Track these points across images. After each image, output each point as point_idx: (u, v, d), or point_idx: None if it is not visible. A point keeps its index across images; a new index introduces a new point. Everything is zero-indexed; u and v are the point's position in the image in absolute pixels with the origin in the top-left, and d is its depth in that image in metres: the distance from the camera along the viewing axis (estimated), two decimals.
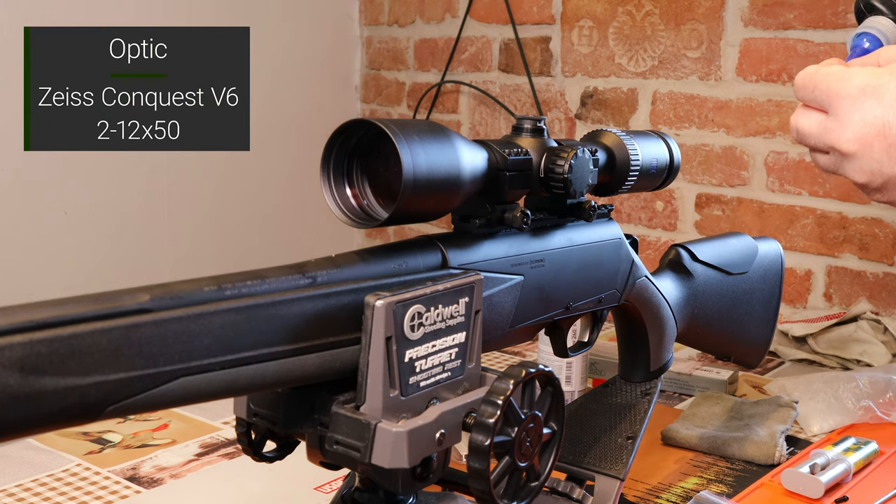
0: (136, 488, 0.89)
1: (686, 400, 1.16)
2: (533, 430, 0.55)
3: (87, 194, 1.82)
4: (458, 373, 0.56)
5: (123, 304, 0.42)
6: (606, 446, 0.78)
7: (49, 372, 0.39)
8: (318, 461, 0.55)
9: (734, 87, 1.62)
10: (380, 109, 2.24)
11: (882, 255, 1.49)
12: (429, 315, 0.53)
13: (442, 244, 0.59)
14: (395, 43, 2.19)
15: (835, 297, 1.55)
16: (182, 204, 1.97)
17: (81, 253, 1.83)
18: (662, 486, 0.91)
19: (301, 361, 0.49)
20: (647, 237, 1.76)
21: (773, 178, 1.59)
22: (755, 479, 0.92)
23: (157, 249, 1.94)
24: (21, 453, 0.95)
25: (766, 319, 0.94)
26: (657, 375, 0.83)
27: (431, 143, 0.54)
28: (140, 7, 1.84)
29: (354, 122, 0.54)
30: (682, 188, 1.70)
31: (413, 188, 0.53)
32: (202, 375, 0.45)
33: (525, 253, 0.64)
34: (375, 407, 0.51)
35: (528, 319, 0.64)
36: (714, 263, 0.88)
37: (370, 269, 0.54)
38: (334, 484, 0.89)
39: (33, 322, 0.39)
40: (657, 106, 1.72)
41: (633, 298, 0.76)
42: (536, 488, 0.57)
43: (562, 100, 1.86)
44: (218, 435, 1.02)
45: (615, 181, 0.72)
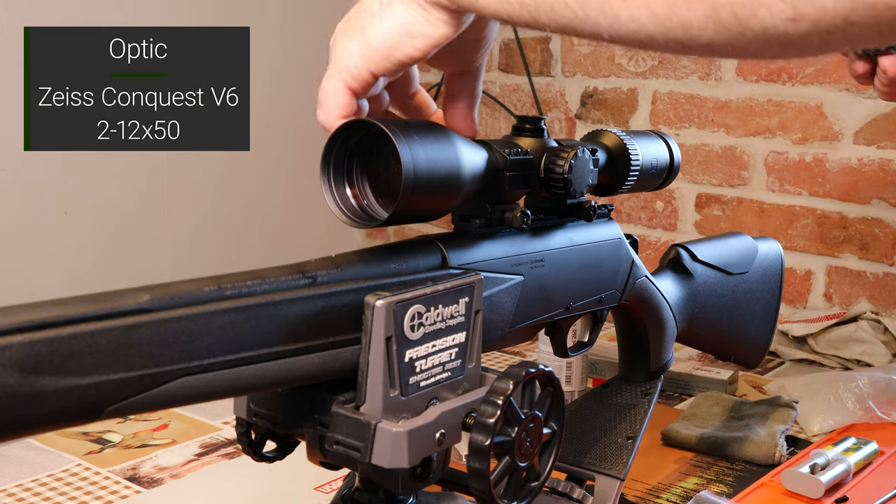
0: (136, 488, 0.89)
1: (686, 400, 1.16)
2: (533, 430, 0.55)
3: (87, 194, 1.82)
4: (458, 373, 0.56)
5: (123, 304, 0.42)
6: (606, 446, 0.78)
7: (49, 372, 0.39)
8: (318, 461, 0.55)
9: (734, 87, 1.62)
10: None
11: (882, 255, 1.49)
12: (429, 315, 0.53)
13: (442, 244, 0.59)
14: None
15: (835, 297, 1.55)
16: (182, 204, 1.97)
17: (81, 253, 1.83)
18: (662, 486, 0.91)
19: (301, 361, 0.49)
20: (647, 237, 1.76)
21: (773, 178, 1.59)
22: (755, 479, 0.92)
23: (157, 249, 1.94)
24: (21, 453, 0.95)
25: (766, 319, 0.94)
26: (657, 375, 0.83)
27: (431, 143, 0.54)
28: (140, 7, 1.84)
29: (354, 122, 0.54)
30: (682, 188, 1.70)
31: (413, 188, 0.53)
32: (202, 375, 0.45)
33: (525, 253, 0.63)
34: (375, 407, 0.51)
35: (528, 319, 0.64)
36: (714, 263, 0.88)
37: (370, 269, 0.54)
38: (334, 484, 0.89)
39: (33, 322, 0.39)
40: (657, 106, 1.72)
41: (634, 298, 0.76)
42: (536, 488, 0.57)
43: (562, 100, 1.86)
44: (218, 435, 1.02)
45: (615, 181, 0.72)
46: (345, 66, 0.55)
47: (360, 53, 0.55)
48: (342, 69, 0.56)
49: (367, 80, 0.56)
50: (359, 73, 0.55)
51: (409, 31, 0.54)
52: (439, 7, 0.54)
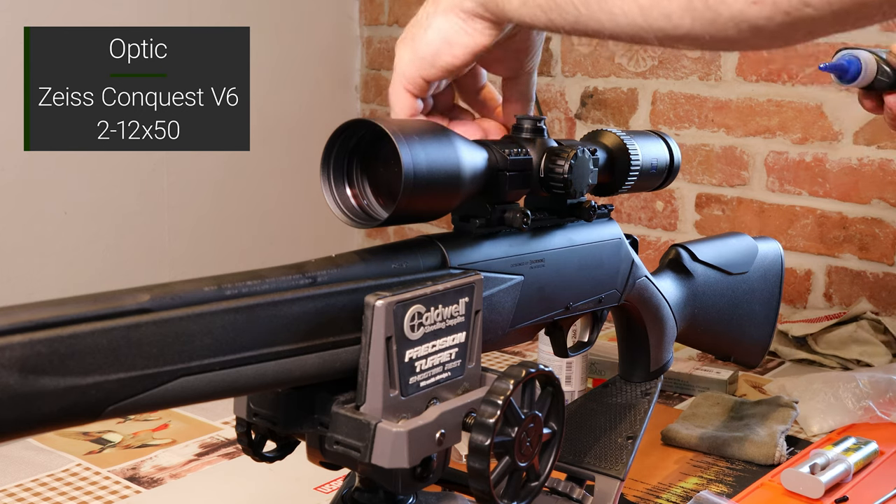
0: (136, 488, 0.89)
1: (686, 400, 1.16)
2: (533, 430, 0.55)
3: (87, 194, 1.82)
4: (458, 373, 0.56)
5: (123, 304, 0.42)
6: (606, 446, 0.78)
7: (49, 372, 0.39)
8: (318, 461, 0.55)
9: (734, 87, 1.62)
10: (380, 109, 2.24)
11: (882, 255, 1.49)
12: (429, 315, 0.53)
13: (442, 244, 0.59)
14: (395, 43, 2.19)
15: (835, 297, 1.55)
16: (182, 204, 1.97)
17: (81, 253, 1.83)
18: (662, 486, 0.91)
19: (301, 361, 0.49)
20: (647, 237, 1.76)
21: (773, 178, 1.59)
22: (755, 479, 0.92)
23: (157, 249, 1.94)
24: (21, 453, 0.95)
25: (766, 319, 0.94)
26: (657, 375, 0.83)
27: (431, 143, 0.54)
28: (140, 7, 1.84)
29: (354, 122, 0.54)
30: (682, 188, 1.70)
31: (413, 188, 0.53)
32: (202, 375, 0.45)
33: (525, 253, 0.63)
34: (375, 407, 0.51)
35: (528, 319, 0.64)
36: (714, 263, 0.88)
37: (370, 269, 0.54)
38: (334, 484, 0.89)
39: (33, 322, 0.39)
40: (657, 106, 1.72)
41: (633, 298, 0.76)
42: (536, 488, 0.57)
43: (562, 100, 1.86)
44: (218, 435, 1.02)
45: (615, 181, 0.72)
46: (402, 73, 0.62)
47: (411, 61, 0.62)
48: (400, 75, 0.63)
49: (420, 85, 0.62)
50: (412, 78, 0.62)
51: (449, 41, 0.61)
52: (476, 17, 0.60)
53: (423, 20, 0.62)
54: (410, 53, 0.62)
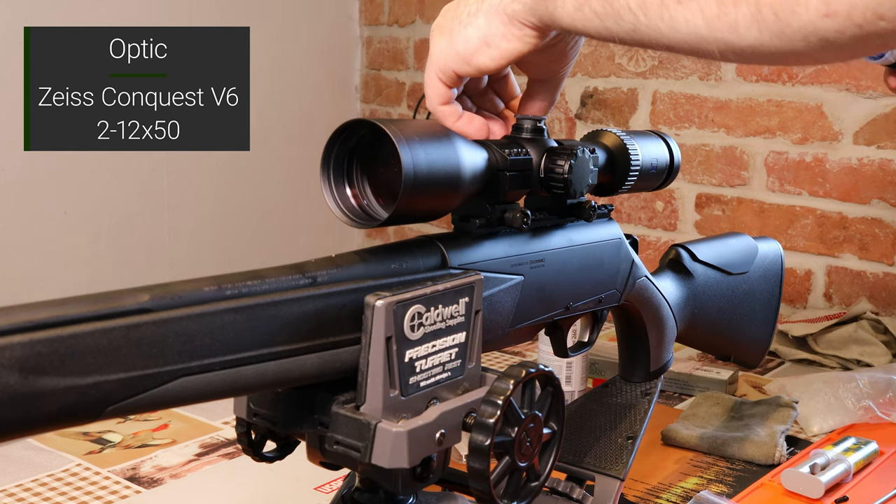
0: (136, 488, 0.89)
1: (686, 400, 1.16)
2: (533, 430, 0.55)
3: (87, 194, 1.82)
4: (458, 373, 0.56)
5: (123, 304, 0.42)
6: (606, 446, 0.78)
7: (49, 372, 0.39)
8: (318, 461, 0.55)
9: (734, 87, 1.62)
10: (380, 109, 2.24)
11: (882, 255, 1.49)
12: (429, 315, 0.53)
13: (442, 244, 0.59)
14: (395, 43, 2.19)
15: (835, 297, 1.55)
16: (182, 204, 1.97)
17: (81, 253, 1.83)
18: (662, 486, 0.91)
19: (301, 361, 0.49)
20: (647, 237, 1.76)
21: (773, 178, 1.59)
22: (755, 479, 0.92)
23: (157, 249, 1.94)
24: (21, 453, 0.95)
25: (766, 319, 0.94)
26: (657, 375, 0.83)
27: (431, 143, 0.54)
28: (140, 7, 1.84)
29: (354, 122, 0.54)
30: (682, 188, 1.70)
31: (413, 188, 0.53)
32: (202, 375, 0.45)
33: (525, 253, 0.63)
34: (375, 407, 0.51)
35: (528, 319, 0.64)
36: (714, 263, 0.88)
37: (370, 269, 0.54)
38: (334, 484, 0.89)
39: (33, 322, 0.39)
40: (657, 106, 1.72)
41: (633, 298, 0.76)
42: (536, 488, 0.57)
43: (562, 100, 1.86)
44: (218, 435, 1.02)
45: (615, 181, 0.72)
46: (435, 62, 0.62)
47: (446, 53, 0.61)
48: (434, 63, 0.62)
49: (453, 77, 0.62)
50: (445, 69, 0.62)
51: (487, 43, 0.60)
52: (520, 23, 0.59)
53: (464, 16, 0.61)
54: (447, 46, 0.61)
